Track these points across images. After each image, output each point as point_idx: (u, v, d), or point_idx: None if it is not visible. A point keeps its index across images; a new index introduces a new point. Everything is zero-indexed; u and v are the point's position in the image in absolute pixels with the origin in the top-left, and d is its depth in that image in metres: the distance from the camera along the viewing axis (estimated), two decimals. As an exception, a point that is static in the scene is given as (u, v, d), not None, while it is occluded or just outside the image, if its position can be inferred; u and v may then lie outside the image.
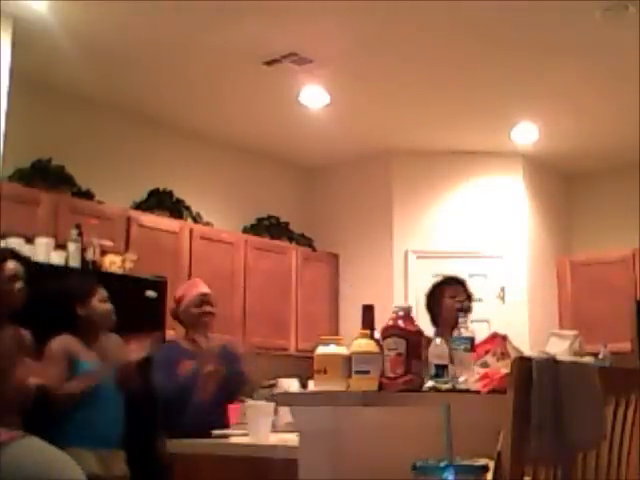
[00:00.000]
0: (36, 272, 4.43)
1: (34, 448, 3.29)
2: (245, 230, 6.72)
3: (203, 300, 4.35)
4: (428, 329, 3.46)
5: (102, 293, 4.09)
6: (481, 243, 6.90)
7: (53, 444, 3.46)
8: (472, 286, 4.51)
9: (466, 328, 2.62)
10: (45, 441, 3.39)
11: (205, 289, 4.42)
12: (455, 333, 2.61)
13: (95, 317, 4.02)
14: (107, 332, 4.09)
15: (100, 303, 4.06)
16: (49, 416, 3.81)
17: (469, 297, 4.22)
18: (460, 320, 2.66)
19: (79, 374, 3.88)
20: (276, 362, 6.43)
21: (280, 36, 4.92)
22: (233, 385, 4.28)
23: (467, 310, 2.57)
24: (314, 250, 7.09)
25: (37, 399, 3.62)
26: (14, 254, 3.78)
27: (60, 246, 4.86)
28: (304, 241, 7.06)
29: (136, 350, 3.97)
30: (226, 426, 3.96)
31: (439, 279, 4.44)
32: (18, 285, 3.62)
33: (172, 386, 4.08)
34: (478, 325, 3.16)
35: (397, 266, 6.81)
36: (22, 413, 3.48)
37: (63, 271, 4.73)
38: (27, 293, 3.64)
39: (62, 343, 3.92)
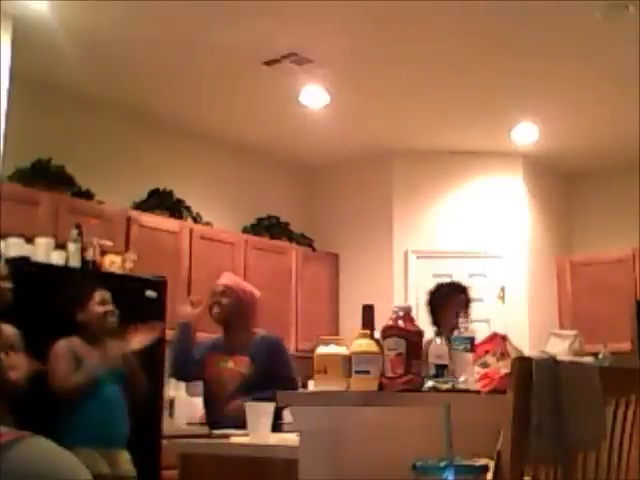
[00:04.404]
0: (36, 272, 4.49)
1: (42, 448, 3.28)
2: (245, 230, 6.71)
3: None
4: (427, 328, 3.45)
5: (101, 295, 4.11)
6: (481, 243, 6.89)
7: (57, 443, 3.47)
8: (472, 286, 4.53)
9: (466, 328, 2.62)
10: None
11: (223, 280, 4.15)
12: (455, 333, 2.61)
13: (95, 321, 4.05)
14: (110, 334, 4.10)
15: (99, 306, 4.07)
16: (54, 414, 3.84)
17: (467, 306, 4.29)
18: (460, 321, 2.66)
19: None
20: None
21: (280, 36, 4.92)
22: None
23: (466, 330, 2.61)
24: (314, 250, 7.08)
25: (37, 394, 3.66)
26: None
27: (60, 246, 4.86)
28: (304, 241, 7.05)
29: (137, 340, 4.00)
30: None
31: (446, 282, 4.53)
32: (3, 285, 3.65)
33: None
34: (478, 325, 3.17)
35: (397, 266, 6.81)
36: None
37: (63, 271, 4.73)
38: (14, 292, 3.68)
39: (67, 343, 3.97)
